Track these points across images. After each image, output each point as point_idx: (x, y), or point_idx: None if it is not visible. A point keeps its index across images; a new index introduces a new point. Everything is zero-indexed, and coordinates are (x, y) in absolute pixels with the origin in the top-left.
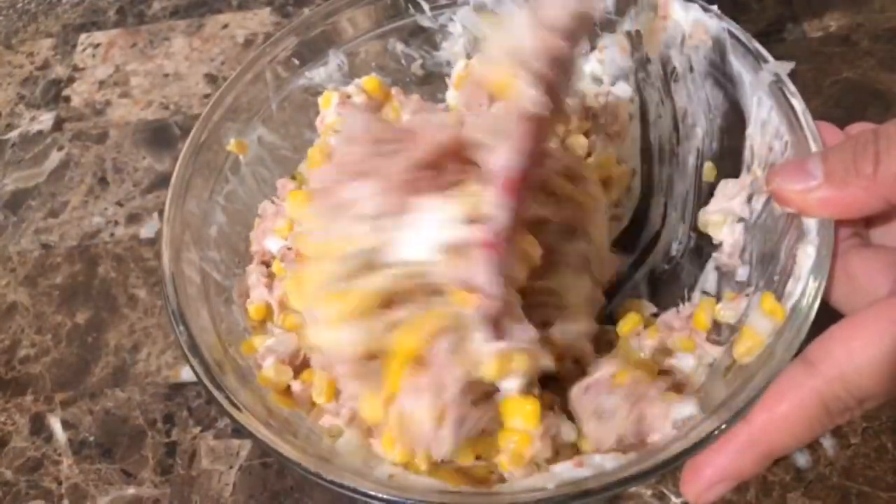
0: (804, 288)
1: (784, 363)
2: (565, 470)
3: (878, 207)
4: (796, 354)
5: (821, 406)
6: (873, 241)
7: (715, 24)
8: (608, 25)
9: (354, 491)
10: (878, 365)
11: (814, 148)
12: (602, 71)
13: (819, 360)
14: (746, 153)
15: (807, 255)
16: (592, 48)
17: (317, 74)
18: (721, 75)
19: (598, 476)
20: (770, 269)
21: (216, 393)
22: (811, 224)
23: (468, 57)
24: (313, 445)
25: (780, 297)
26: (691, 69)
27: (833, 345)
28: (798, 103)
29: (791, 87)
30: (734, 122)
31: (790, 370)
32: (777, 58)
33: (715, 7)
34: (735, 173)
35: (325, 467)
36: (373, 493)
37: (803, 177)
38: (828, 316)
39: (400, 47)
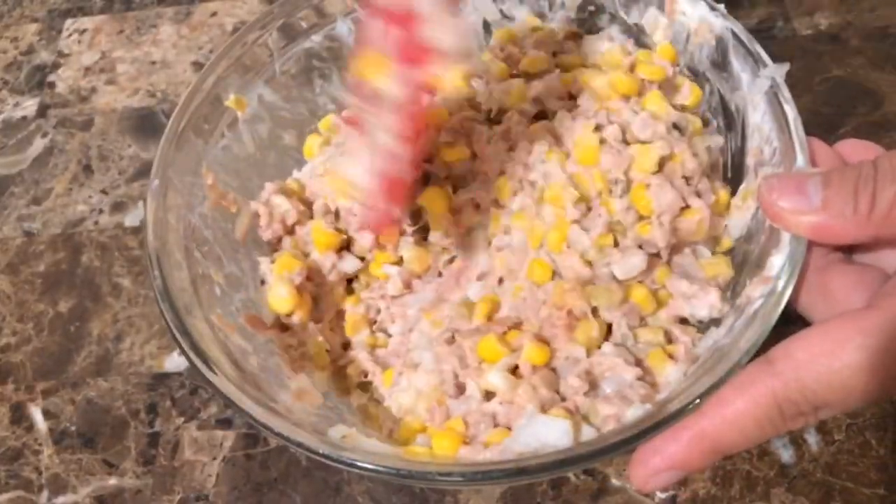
0: (771, 289)
1: (742, 362)
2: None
3: (864, 241)
4: (756, 356)
5: (775, 407)
6: (855, 259)
7: (720, 23)
8: (613, 19)
9: (309, 449)
10: (837, 373)
11: (800, 156)
12: None
13: (779, 361)
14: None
15: (777, 259)
16: None
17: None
18: (719, 75)
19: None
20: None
21: (200, 366)
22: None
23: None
24: (295, 413)
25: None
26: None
27: (795, 348)
28: (791, 110)
29: (786, 93)
30: (727, 124)
31: (750, 368)
32: (767, 55)
33: (721, 6)
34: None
35: (293, 429)
36: (323, 451)
37: (801, 198)
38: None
39: None
